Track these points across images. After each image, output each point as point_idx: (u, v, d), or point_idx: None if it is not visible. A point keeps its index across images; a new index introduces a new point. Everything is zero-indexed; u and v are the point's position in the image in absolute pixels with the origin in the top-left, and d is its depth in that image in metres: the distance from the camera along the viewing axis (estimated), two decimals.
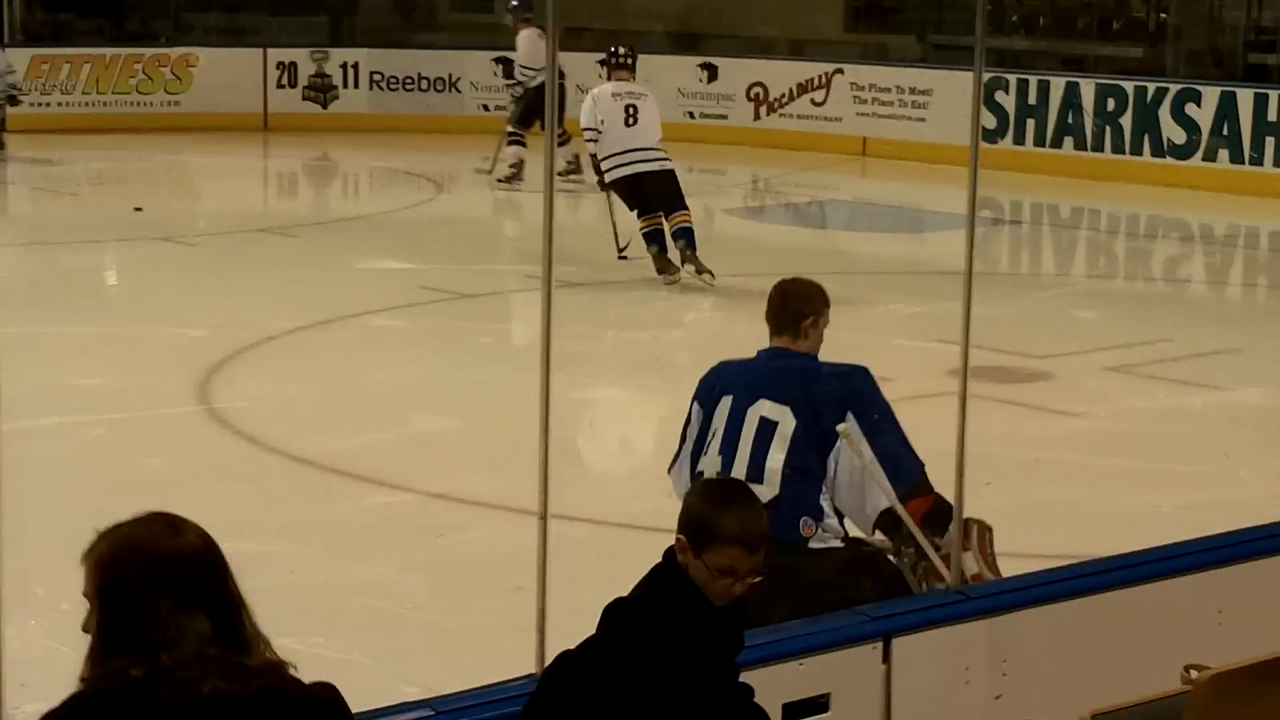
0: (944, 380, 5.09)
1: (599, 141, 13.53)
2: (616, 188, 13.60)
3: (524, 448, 4.17)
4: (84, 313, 12.41)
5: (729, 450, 5.35)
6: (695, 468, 5.45)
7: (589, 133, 13.59)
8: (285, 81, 22.91)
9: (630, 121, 13.53)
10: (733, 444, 5.35)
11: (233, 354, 10.75)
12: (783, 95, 22.03)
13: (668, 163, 13.54)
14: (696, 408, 5.55)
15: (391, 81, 23.01)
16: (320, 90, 22.94)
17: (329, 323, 11.89)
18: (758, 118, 22.19)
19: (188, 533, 3.00)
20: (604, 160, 13.52)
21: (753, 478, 5.21)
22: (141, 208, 16.59)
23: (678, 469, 5.59)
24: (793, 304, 5.56)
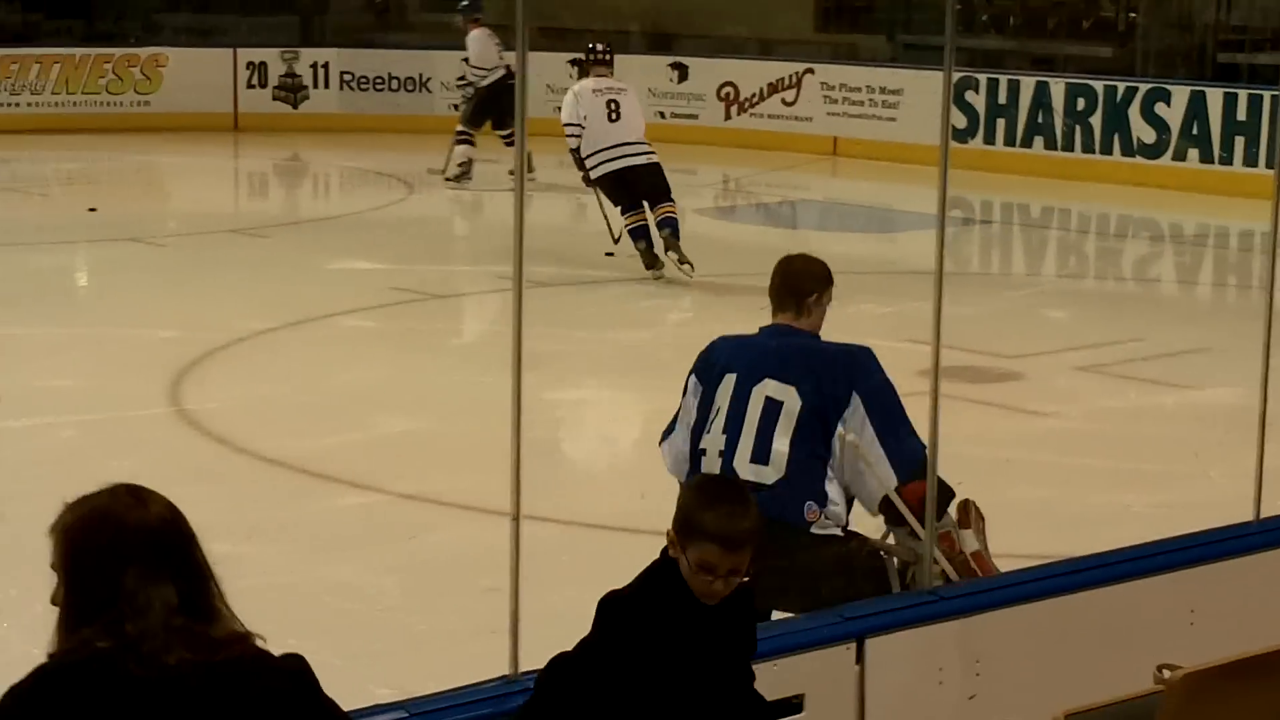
0: (915, 380, 5.09)
1: (582, 138, 13.53)
2: (602, 184, 13.61)
3: (496, 448, 4.16)
4: (53, 314, 12.36)
5: (734, 429, 5.30)
6: (697, 445, 5.38)
7: (571, 128, 13.58)
8: (255, 81, 22.85)
9: (613, 117, 13.54)
10: (738, 423, 5.30)
11: (203, 355, 10.73)
12: (753, 95, 22.03)
13: (653, 156, 13.57)
14: (694, 381, 5.48)
15: (362, 81, 22.97)
16: (290, 90, 22.89)
17: (300, 323, 11.86)
18: (728, 117, 22.20)
19: (154, 503, 2.99)
20: (589, 156, 13.53)
21: (758, 459, 5.21)
22: (96, 208, 16.52)
23: (669, 442, 5.53)
24: (796, 281, 5.53)
